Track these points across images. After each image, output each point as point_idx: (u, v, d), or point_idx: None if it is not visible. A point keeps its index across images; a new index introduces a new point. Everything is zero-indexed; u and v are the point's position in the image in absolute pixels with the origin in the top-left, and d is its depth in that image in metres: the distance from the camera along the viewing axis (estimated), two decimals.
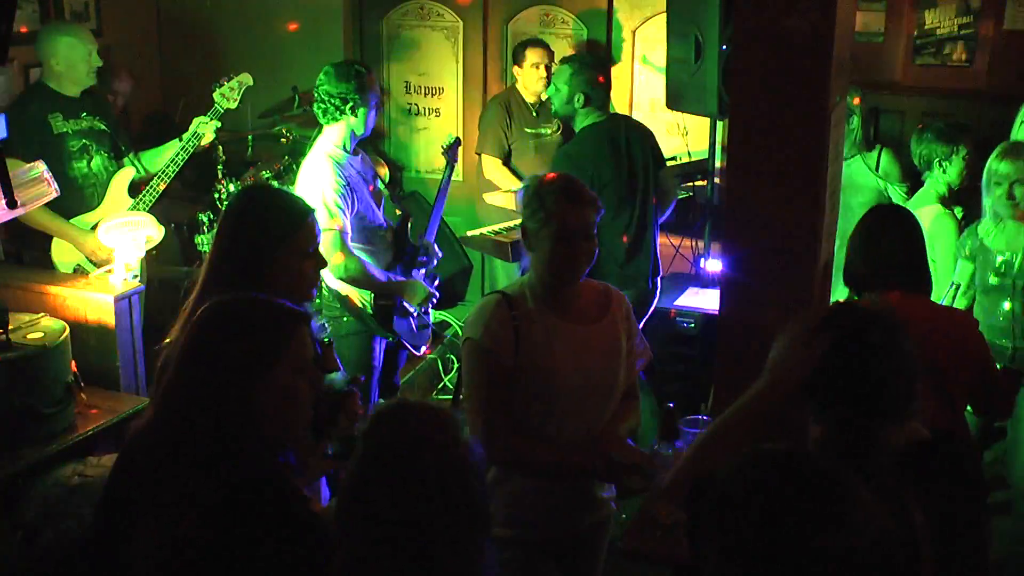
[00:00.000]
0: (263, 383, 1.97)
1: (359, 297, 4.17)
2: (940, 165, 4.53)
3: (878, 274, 3.06)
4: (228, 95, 4.83)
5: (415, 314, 4.33)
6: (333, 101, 4.05)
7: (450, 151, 4.74)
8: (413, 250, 4.39)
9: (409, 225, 4.42)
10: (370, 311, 4.18)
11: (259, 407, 1.96)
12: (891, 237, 3.10)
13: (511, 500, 2.80)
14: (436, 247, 4.47)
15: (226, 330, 2.02)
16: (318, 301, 3.97)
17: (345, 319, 4.19)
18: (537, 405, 2.79)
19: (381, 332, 4.23)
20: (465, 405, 2.87)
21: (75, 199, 4.57)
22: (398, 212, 4.59)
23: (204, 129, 4.76)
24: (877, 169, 5.07)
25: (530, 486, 2.83)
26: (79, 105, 4.66)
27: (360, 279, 4.08)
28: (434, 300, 4.39)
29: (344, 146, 4.13)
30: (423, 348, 4.49)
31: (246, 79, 4.89)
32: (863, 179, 5.09)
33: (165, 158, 4.75)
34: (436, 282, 4.46)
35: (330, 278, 4.05)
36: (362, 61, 4.27)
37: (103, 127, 4.74)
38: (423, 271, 4.40)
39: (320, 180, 3.99)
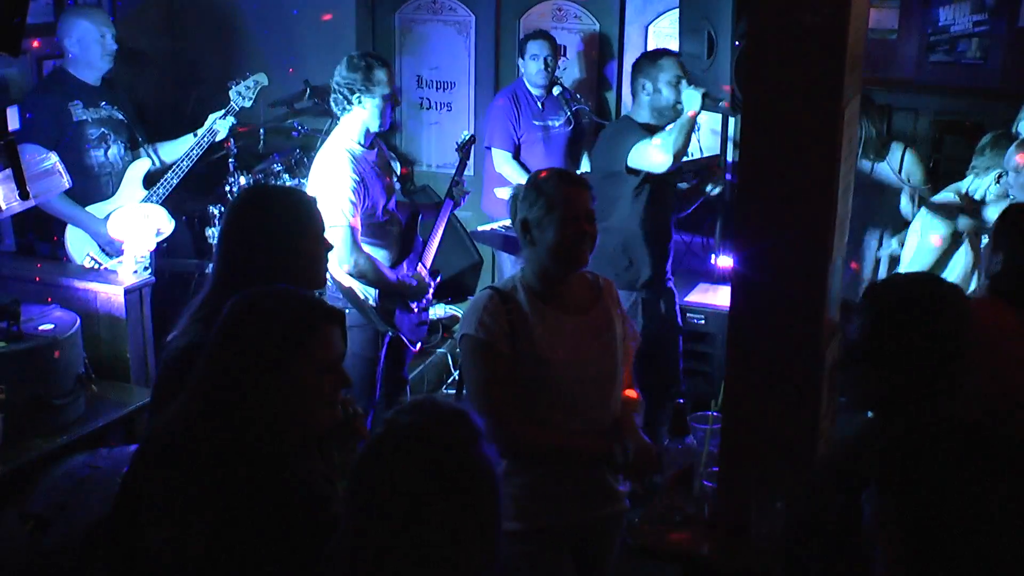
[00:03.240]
0: (284, 377, 1.94)
1: (362, 290, 4.17)
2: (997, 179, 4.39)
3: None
4: (244, 94, 4.90)
5: (416, 310, 4.33)
6: (341, 91, 4.08)
7: (464, 148, 4.72)
8: (421, 246, 4.39)
9: (419, 221, 4.43)
10: (372, 304, 4.18)
11: (279, 402, 1.94)
12: None
13: (524, 491, 2.80)
14: (430, 278, 4.38)
15: (248, 320, 1.99)
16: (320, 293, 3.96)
17: (347, 311, 4.18)
18: (539, 396, 2.79)
19: (382, 326, 4.22)
20: (469, 400, 2.87)
21: (91, 187, 4.60)
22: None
23: (220, 126, 4.82)
24: (900, 170, 5.00)
25: (542, 475, 2.82)
26: (99, 94, 4.69)
27: (370, 276, 4.09)
28: (430, 297, 4.40)
29: (360, 139, 4.13)
30: (419, 344, 4.49)
31: (262, 79, 4.97)
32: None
33: (180, 151, 4.79)
34: (437, 278, 4.46)
35: (336, 271, 4.04)
36: (379, 54, 4.26)
37: (121, 117, 4.77)
38: (415, 307, 4.33)
39: (335, 175, 3.99)
